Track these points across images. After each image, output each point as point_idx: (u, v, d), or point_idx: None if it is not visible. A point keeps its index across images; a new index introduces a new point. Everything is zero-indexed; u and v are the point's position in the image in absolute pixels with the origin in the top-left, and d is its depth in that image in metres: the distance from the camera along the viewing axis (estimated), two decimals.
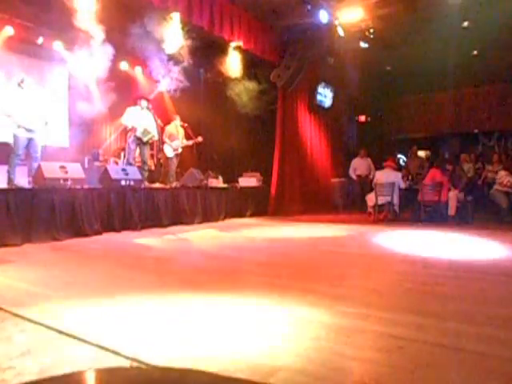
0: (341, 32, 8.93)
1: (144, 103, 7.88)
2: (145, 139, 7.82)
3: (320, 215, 9.53)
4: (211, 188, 8.63)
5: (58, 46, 8.56)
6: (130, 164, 7.80)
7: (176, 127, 8.66)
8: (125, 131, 8.80)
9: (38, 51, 8.55)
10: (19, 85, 6.01)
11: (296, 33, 9.50)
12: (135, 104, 7.87)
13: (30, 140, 6.04)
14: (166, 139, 8.54)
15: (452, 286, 3.23)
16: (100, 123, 9.97)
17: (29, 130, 5.98)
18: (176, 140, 8.59)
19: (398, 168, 9.65)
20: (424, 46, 9.54)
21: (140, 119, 7.72)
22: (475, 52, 10.48)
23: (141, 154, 8.10)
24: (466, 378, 1.72)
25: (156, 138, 8.13)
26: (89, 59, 8.07)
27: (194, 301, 2.83)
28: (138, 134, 7.71)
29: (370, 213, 8.56)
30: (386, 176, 8.29)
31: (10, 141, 6.14)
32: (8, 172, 5.82)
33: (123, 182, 6.75)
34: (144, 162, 8.00)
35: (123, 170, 7.05)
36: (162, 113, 9.67)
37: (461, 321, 2.38)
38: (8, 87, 6.36)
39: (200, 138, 8.81)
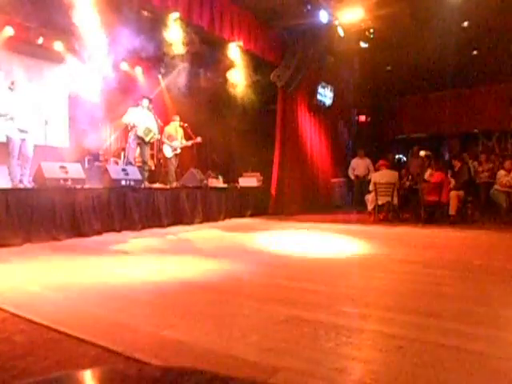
0: (341, 32, 8.93)
1: (145, 103, 7.90)
2: (147, 139, 7.82)
3: (320, 215, 9.53)
4: (211, 188, 8.64)
5: (58, 46, 8.56)
6: (130, 163, 7.81)
7: (175, 128, 8.66)
8: (125, 131, 8.81)
9: (38, 51, 8.55)
10: (9, 88, 5.99)
11: (296, 33, 9.50)
12: (136, 104, 7.90)
13: (22, 141, 6.03)
14: (165, 140, 8.55)
15: (452, 286, 3.23)
16: (100, 123, 9.97)
17: (22, 131, 5.96)
18: (175, 140, 8.60)
19: (394, 167, 9.67)
20: (424, 46, 9.54)
21: (141, 119, 7.73)
22: (475, 52, 10.48)
23: (141, 154, 8.11)
24: (466, 377, 1.72)
25: (157, 137, 8.15)
26: (88, 59, 8.07)
27: (194, 301, 2.83)
28: (139, 133, 7.72)
29: (369, 213, 8.56)
30: (385, 176, 8.29)
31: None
32: (10, 175, 5.82)
33: (123, 182, 6.75)
34: (144, 162, 8.00)
35: (123, 170, 7.05)
36: (162, 113, 9.68)
37: (461, 321, 2.38)
38: (1, 89, 6.32)
39: (199, 139, 8.81)
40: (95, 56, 7.81)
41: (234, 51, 9.02)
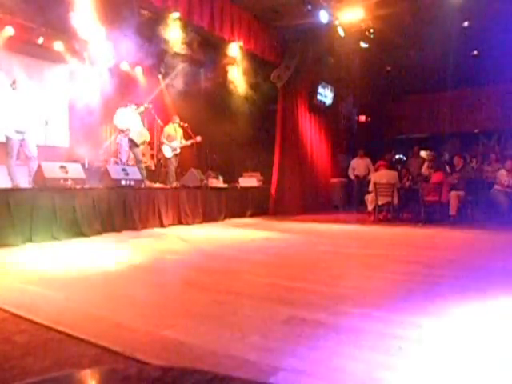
0: (341, 32, 8.93)
1: (133, 107, 7.93)
2: (139, 141, 7.88)
3: (320, 215, 9.53)
4: (211, 188, 8.64)
5: (58, 46, 8.57)
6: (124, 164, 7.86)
7: (174, 128, 8.67)
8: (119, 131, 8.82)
9: (38, 51, 8.55)
10: (11, 86, 5.98)
11: (296, 33, 9.50)
12: (125, 105, 7.92)
13: (21, 141, 6.02)
14: (164, 140, 8.55)
15: (452, 286, 3.23)
16: (100, 123, 9.97)
17: (19, 132, 5.95)
18: (174, 140, 8.60)
19: (394, 167, 9.67)
20: (424, 46, 9.54)
21: (132, 121, 7.79)
22: (475, 52, 10.48)
23: (134, 154, 8.11)
24: (466, 378, 1.72)
25: (148, 139, 8.26)
26: (88, 59, 8.08)
27: (194, 301, 2.84)
28: (132, 136, 7.79)
29: (369, 213, 8.57)
30: (385, 176, 8.30)
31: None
32: (9, 175, 5.83)
33: (123, 182, 6.75)
34: (139, 161, 7.98)
35: (123, 169, 7.05)
36: (162, 113, 9.68)
37: (460, 321, 2.39)
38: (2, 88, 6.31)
39: (199, 138, 8.81)
40: (95, 56, 7.82)
41: (234, 51, 9.02)
